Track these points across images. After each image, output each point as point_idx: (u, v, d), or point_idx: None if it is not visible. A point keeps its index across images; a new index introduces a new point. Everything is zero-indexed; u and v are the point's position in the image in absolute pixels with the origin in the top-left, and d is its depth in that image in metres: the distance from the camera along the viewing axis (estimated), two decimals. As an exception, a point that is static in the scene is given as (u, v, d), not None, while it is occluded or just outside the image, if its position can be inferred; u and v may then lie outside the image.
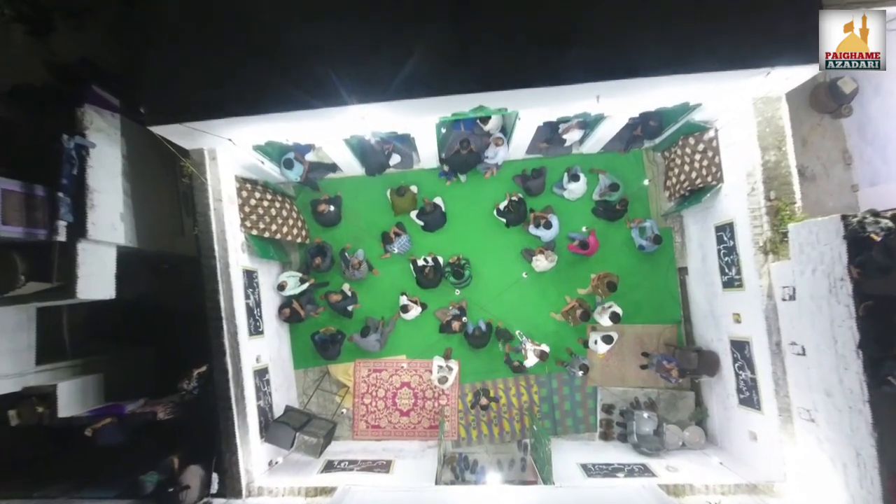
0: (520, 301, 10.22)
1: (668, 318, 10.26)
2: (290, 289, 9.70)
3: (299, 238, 9.83)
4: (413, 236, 10.18)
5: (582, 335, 10.12)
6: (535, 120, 8.05)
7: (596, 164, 10.30)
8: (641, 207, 10.32)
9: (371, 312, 10.20)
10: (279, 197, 9.50)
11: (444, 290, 10.13)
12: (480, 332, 9.61)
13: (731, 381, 8.83)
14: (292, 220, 9.67)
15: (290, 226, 9.56)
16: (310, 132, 7.45)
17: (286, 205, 9.62)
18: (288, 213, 9.60)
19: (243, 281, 8.33)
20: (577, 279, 10.18)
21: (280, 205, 9.42)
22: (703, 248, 9.54)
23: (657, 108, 8.02)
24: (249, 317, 8.41)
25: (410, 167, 10.36)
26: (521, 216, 9.93)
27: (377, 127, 7.59)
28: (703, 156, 8.83)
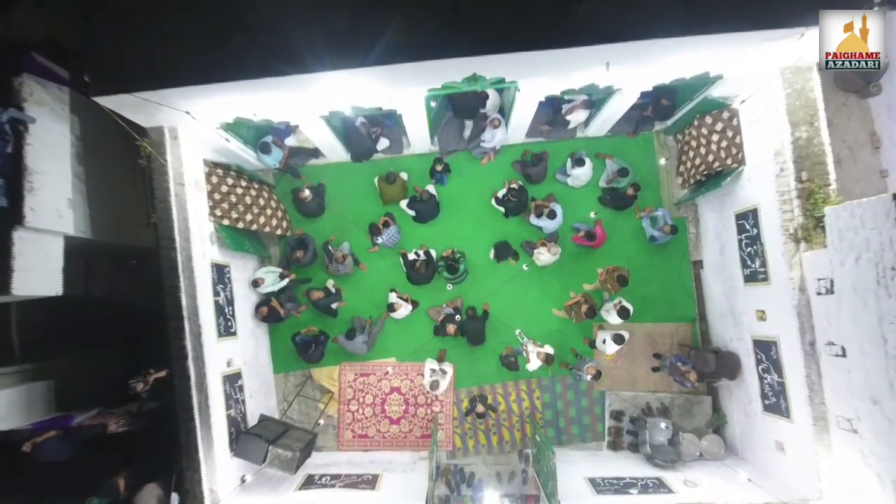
0: (520, 297, 9.36)
1: (682, 315, 9.42)
2: (268, 285, 8.84)
3: (279, 230, 8.96)
4: (403, 227, 9.32)
5: (588, 334, 9.26)
6: (537, 94, 7.18)
7: (602, 148, 9.45)
8: (652, 195, 9.46)
9: (357, 311, 9.35)
10: (256, 184, 8.64)
11: (438, 286, 9.27)
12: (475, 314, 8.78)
13: (755, 385, 7.97)
14: (271, 209, 8.81)
15: (268, 216, 8.70)
16: (280, 106, 6.57)
17: (264, 193, 8.76)
18: (266, 203, 8.73)
19: (212, 276, 7.47)
20: (583, 273, 9.33)
21: (257, 193, 8.56)
22: (720, 238, 8.69)
23: (673, 81, 7.14)
24: (219, 316, 7.55)
25: (400, 152, 9.51)
26: (522, 205, 9.07)
27: (358, 100, 6.72)
28: (722, 136, 7.98)
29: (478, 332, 8.79)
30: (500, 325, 9.17)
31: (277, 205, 9.09)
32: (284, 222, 9.14)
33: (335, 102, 6.71)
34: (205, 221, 7.52)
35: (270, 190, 9.17)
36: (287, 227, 9.19)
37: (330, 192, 9.52)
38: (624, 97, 7.65)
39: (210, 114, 6.53)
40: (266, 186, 9.05)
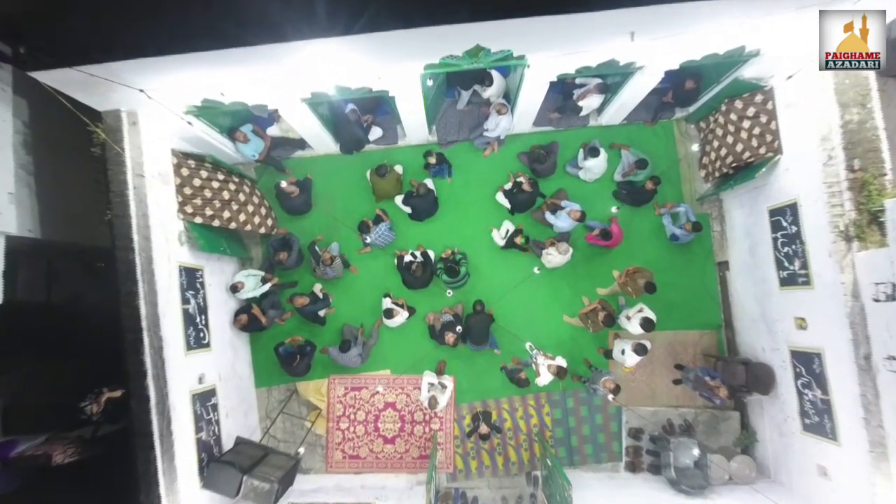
0: (527, 303, 8.48)
1: (706, 322, 8.54)
2: (248, 290, 7.95)
3: (262, 228, 8.06)
4: (399, 226, 8.44)
5: (602, 343, 8.38)
6: (548, 73, 6.29)
7: (618, 137, 8.57)
8: (672, 190, 8.58)
9: (348, 318, 8.47)
10: (235, 178, 7.74)
11: (436, 290, 8.39)
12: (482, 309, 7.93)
13: (792, 401, 7.10)
14: (253, 206, 7.91)
15: (249, 213, 7.80)
16: (251, 85, 5.66)
17: (245, 188, 7.86)
18: (247, 198, 7.83)
19: (180, 281, 6.59)
20: (597, 276, 8.46)
21: (237, 187, 7.66)
22: (750, 236, 7.81)
23: (704, 58, 6.26)
24: (189, 326, 6.67)
25: (395, 143, 8.62)
26: (532, 200, 8.18)
27: (343, 79, 5.83)
28: (754, 122, 7.11)
29: (482, 329, 7.85)
30: (506, 334, 8.28)
31: (261, 201, 8.21)
32: (269, 220, 8.25)
33: (316, 81, 5.82)
34: (172, 219, 6.64)
35: (253, 185, 8.29)
36: (272, 225, 8.31)
37: (317, 188, 8.64)
38: (646, 78, 6.76)
39: (172, 94, 5.64)
40: (248, 181, 8.17)
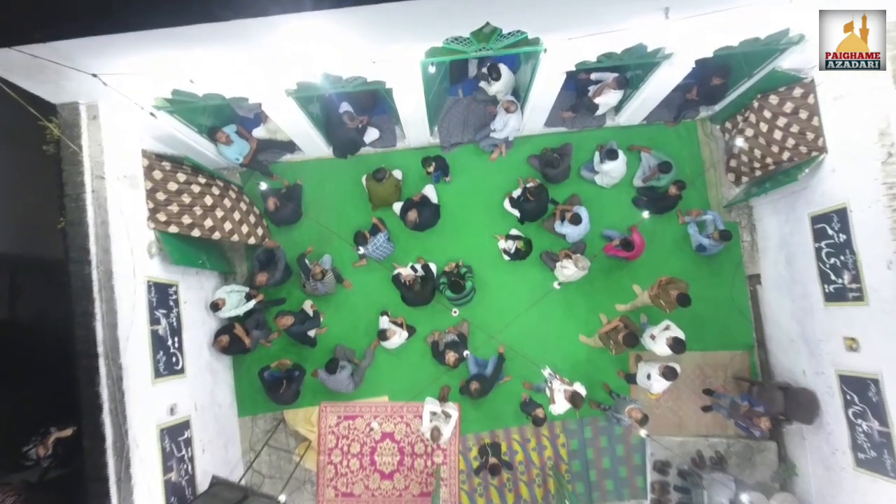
0: (539, 321, 7.67)
1: (737, 342, 7.75)
2: (230, 308, 7.15)
3: (252, 238, 7.25)
4: (397, 237, 7.67)
5: (623, 366, 7.58)
6: (566, 60, 5.55)
7: (637, 139, 7.84)
8: (698, 196, 7.84)
9: (341, 339, 7.66)
10: (219, 182, 6.96)
11: (439, 307, 7.58)
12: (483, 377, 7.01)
13: (842, 433, 6.28)
14: (240, 213, 7.09)
15: (235, 222, 6.98)
16: (225, 72, 4.90)
17: (230, 193, 7.06)
18: (233, 205, 7.02)
19: (148, 298, 5.79)
20: (615, 291, 7.69)
21: (221, 193, 6.85)
22: (787, 247, 7.05)
23: (743, 44, 5.54)
24: (158, 350, 5.86)
25: (393, 145, 7.88)
26: (542, 208, 7.42)
27: (331, 65, 5.08)
28: (793, 119, 6.37)
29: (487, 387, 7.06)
30: (516, 356, 7.44)
31: (249, 208, 7.41)
32: (259, 230, 7.45)
33: (302, 68, 5.07)
34: (141, 228, 5.87)
35: (240, 190, 7.51)
36: (263, 235, 7.50)
37: (308, 195, 7.88)
38: (674, 69, 6.03)
39: (135, 82, 4.88)
40: (234, 186, 7.40)
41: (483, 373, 7.07)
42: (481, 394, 6.88)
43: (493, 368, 7.10)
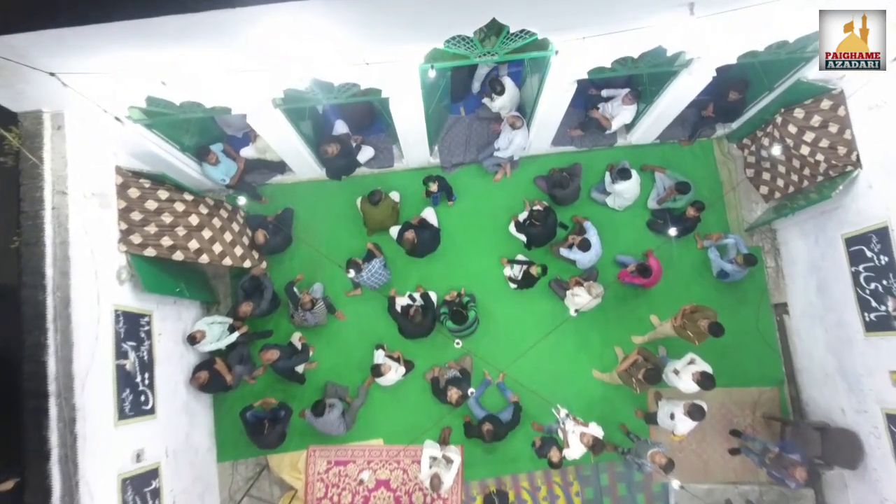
0: (549, 355, 7.02)
1: (765, 377, 7.12)
2: (211, 341, 6.52)
3: (246, 261, 6.60)
4: (394, 262, 7.10)
5: (641, 404, 6.91)
6: (578, 66, 5.09)
7: (650, 158, 7.37)
8: (716, 218, 7.32)
9: (333, 375, 7.00)
10: (208, 200, 6.38)
11: (440, 340, 6.95)
12: (496, 420, 6.35)
13: (891, 479, 5.60)
14: (232, 234, 6.46)
15: (226, 243, 6.35)
16: (200, 73, 4.38)
17: (220, 213, 6.44)
18: (224, 225, 6.39)
19: (115, 329, 5.18)
20: (630, 322, 7.10)
21: (210, 211, 6.25)
22: (818, 272, 6.51)
23: (770, 48, 5.12)
24: (124, 388, 5.21)
25: (390, 166, 7.40)
26: (549, 232, 6.88)
27: (320, 68, 4.59)
28: (822, 133, 5.93)
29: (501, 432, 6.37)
30: (525, 393, 6.77)
31: (242, 228, 6.80)
32: (255, 252, 6.85)
33: (287, 72, 4.58)
34: (110, 250, 5.32)
35: (234, 210, 6.90)
36: (259, 257, 6.91)
37: (299, 219, 7.34)
38: (693, 78, 5.58)
39: (102, 85, 4.39)
40: (227, 204, 6.82)
41: (497, 415, 6.38)
42: (494, 438, 6.18)
43: (510, 415, 6.42)
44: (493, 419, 6.24)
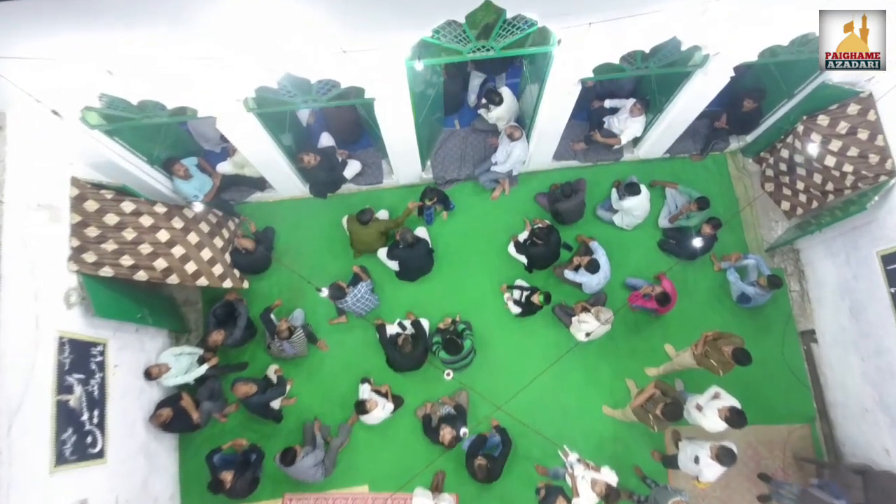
0: (553, 389, 6.33)
1: (794, 413, 6.44)
2: (176, 375, 5.85)
3: (227, 281, 5.93)
4: (382, 287, 6.48)
5: (658, 445, 6.18)
6: (583, 63, 4.57)
7: (659, 174, 6.85)
8: (734, 238, 6.76)
9: (313, 411, 6.28)
10: (186, 213, 5.72)
11: (433, 373, 6.27)
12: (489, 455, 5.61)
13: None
14: (212, 250, 5.73)
15: (203, 261, 5.63)
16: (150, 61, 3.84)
17: (200, 226, 5.73)
18: (203, 240, 5.64)
19: (58, 360, 4.51)
20: (643, 352, 6.44)
21: (186, 225, 5.52)
22: (850, 294, 5.90)
23: (794, 44, 4.63)
24: (66, 427, 4.51)
25: (379, 182, 6.85)
26: (552, 253, 6.29)
27: (291, 58, 4.06)
28: (850, 141, 5.41)
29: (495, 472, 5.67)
30: (527, 432, 6.06)
31: (227, 244, 6.11)
32: (237, 270, 6.23)
33: (255, 63, 4.04)
34: (57, 270, 4.71)
35: (222, 219, 6.28)
36: (241, 277, 6.26)
37: (280, 240, 6.76)
38: (708, 80, 5.07)
39: (44, 78, 3.86)
40: (215, 212, 6.22)
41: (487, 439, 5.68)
42: (489, 475, 5.46)
43: (498, 440, 5.71)
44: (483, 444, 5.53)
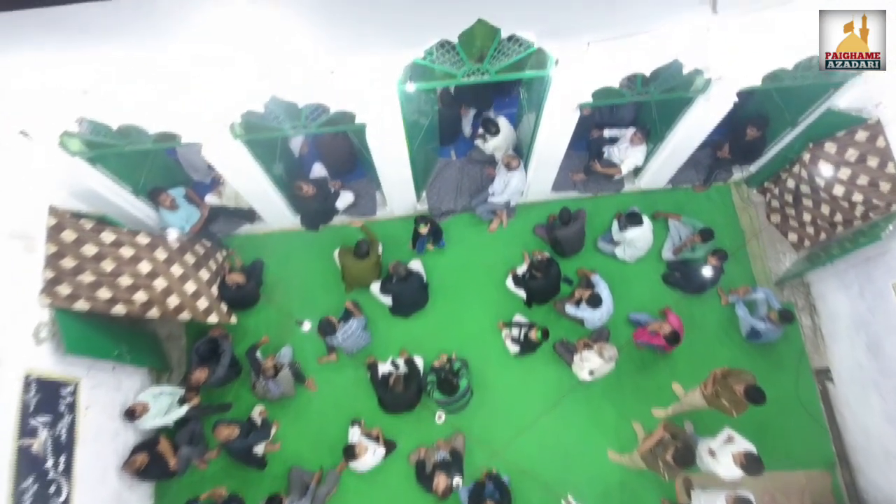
0: (555, 432, 5.96)
1: (812, 458, 6.02)
2: (155, 416, 5.50)
3: (213, 315, 5.65)
4: (375, 323, 6.20)
5: (668, 493, 5.75)
6: (581, 85, 4.41)
7: (662, 205, 6.65)
8: (740, 271, 6.50)
9: (299, 458, 5.88)
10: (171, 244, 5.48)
11: (427, 415, 5.92)
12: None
13: None
14: (197, 283, 5.50)
15: (187, 295, 5.39)
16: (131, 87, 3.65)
17: (185, 257, 5.51)
18: (187, 272, 5.41)
19: (22, 400, 4.20)
20: (650, 391, 6.10)
21: (170, 256, 5.30)
22: (866, 328, 5.60)
23: (799, 67, 4.49)
24: (27, 475, 4.16)
25: (372, 213, 6.65)
26: (552, 286, 6.03)
27: (277, 80, 3.90)
28: (860, 169, 5.24)
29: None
30: (527, 479, 5.66)
31: (213, 276, 5.84)
32: (224, 304, 5.93)
33: (240, 88, 3.88)
34: (27, 303, 4.45)
35: (211, 249, 6.03)
36: (228, 311, 5.97)
37: (269, 273, 6.50)
38: (710, 107, 4.91)
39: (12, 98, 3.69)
40: (204, 243, 5.98)
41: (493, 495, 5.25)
42: None
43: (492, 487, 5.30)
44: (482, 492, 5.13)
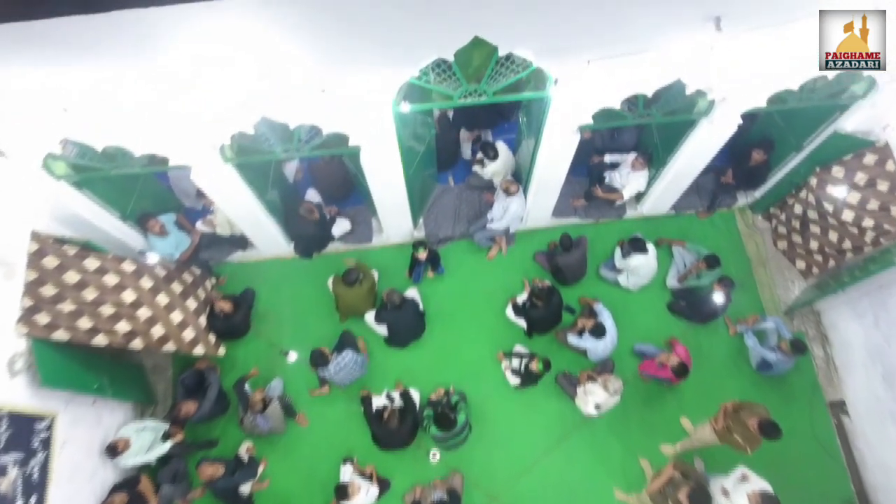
0: (559, 471, 5.65)
1: (831, 496, 5.69)
2: (136, 453, 5.20)
3: (200, 346, 5.40)
4: (370, 353, 5.96)
5: (679, 535, 5.40)
6: (582, 105, 4.28)
7: (665, 231, 6.49)
8: (748, 299, 6.28)
9: (288, 497, 5.56)
10: (158, 273, 5.28)
11: (423, 452, 5.63)
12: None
13: None
14: (183, 312, 5.24)
15: (173, 325, 5.13)
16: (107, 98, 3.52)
17: (172, 286, 5.26)
18: (174, 301, 5.17)
19: (-11, 436, 3.94)
20: (658, 426, 5.81)
21: (156, 284, 5.09)
22: (882, 359, 5.39)
23: (805, 89, 4.39)
24: (-9, 518, 3.87)
25: (368, 241, 6.48)
26: (553, 315, 5.81)
27: (265, 98, 3.76)
28: (869, 193, 5.11)
29: None
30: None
31: (202, 306, 5.62)
32: (212, 336, 5.69)
33: (228, 108, 3.75)
34: (3, 333, 4.21)
35: (200, 277, 5.85)
36: (216, 343, 5.72)
37: (260, 302, 6.29)
38: (713, 129, 4.78)
39: None
40: (194, 270, 5.80)
41: None
42: None
43: None
44: None
